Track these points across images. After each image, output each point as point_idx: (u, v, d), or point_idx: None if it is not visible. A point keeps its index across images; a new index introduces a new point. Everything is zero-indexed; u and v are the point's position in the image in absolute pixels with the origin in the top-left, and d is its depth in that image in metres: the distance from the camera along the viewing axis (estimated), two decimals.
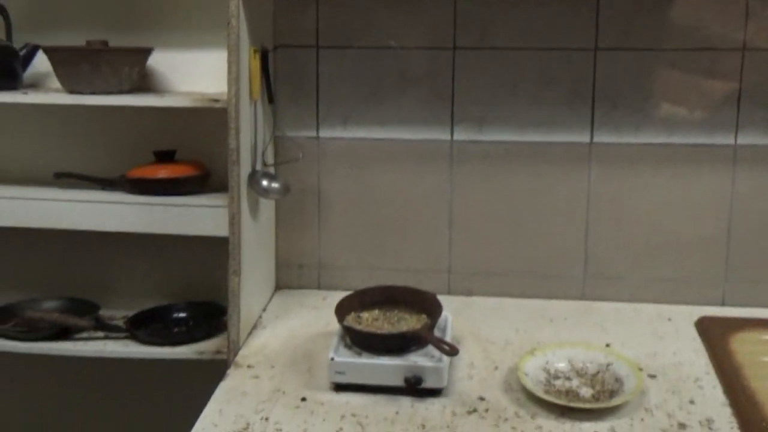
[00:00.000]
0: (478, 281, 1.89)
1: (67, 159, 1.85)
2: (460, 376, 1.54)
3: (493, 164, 1.84)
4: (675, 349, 1.65)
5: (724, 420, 1.40)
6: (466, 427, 1.38)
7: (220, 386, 1.51)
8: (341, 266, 1.91)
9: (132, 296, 1.91)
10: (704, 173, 1.80)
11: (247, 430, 1.38)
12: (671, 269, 1.84)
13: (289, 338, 1.71)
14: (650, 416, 1.41)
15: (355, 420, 1.40)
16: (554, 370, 1.54)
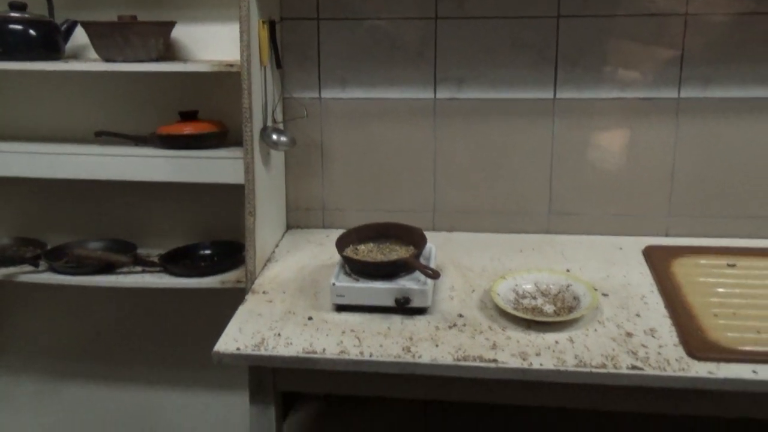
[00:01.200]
0: (458, 219, 1.91)
1: (105, 119, 1.85)
2: (442, 297, 1.57)
3: (470, 118, 1.84)
4: (625, 272, 1.66)
5: (665, 329, 1.42)
6: (447, 338, 1.41)
7: (240, 309, 1.54)
8: (342, 208, 1.92)
9: (164, 237, 1.93)
10: (651, 123, 1.79)
11: (263, 344, 1.41)
12: (623, 206, 1.85)
13: (297, 269, 1.72)
14: (603, 327, 1.44)
15: (353, 335, 1.43)
16: (522, 290, 1.56)
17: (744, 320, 1.43)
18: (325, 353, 1.37)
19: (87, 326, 2.07)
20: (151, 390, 2.08)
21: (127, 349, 2.07)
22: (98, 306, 2.03)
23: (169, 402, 2.07)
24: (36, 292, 1.99)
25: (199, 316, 1.82)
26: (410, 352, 1.37)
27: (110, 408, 2.10)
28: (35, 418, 2.15)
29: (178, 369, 2.06)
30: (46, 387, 2.12)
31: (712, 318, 1.44)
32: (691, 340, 1.37)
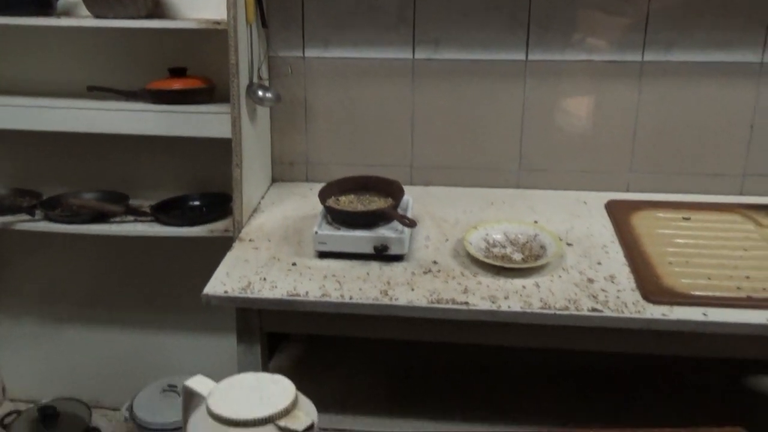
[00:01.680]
0: (434, 174, 1.90)
1: (96, 75, 1.81)
2: (418, 246, 1.57)
3: (446, 78, 1.82)
4: (588, 224, 1.68)
5: (624, 276, 1.44)
6: (423, 283, 1.42)
7: (227, 256, 1.53)
8: (324, 162, 1.91)
9: (155, 188, 1.91)
10: (616, 85, 1.79)
11: (249, 287, 1.41)
12: (587, 163, 1.85)
13: (282, 219, 1.72)
14: (566, 273, 1.45)
15: (334, 279, 1.43)
16: (492, 240, 1.56)
17: (696, 268, 1.46)
18: (308, 296, 1.38)
19: (82, 273, 2.05)
20: (144, 332, 2.08)
21: (121, 294, 2.07)
22: (93, 254, 2.02)
23: (161, 343, 2.08)
24: (33, 241, 1.97)
25: (189, 264, 1.81)
26: (387, 295, 1.38)
27: (106, 349, 2.11)
28: (36, 358, 2.15)
29: (169, 313, 2.06)
30: (46, 329, 2.11)
31: (667, 266, 1.46)
32: (647, 285, 1.39)
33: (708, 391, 1.65)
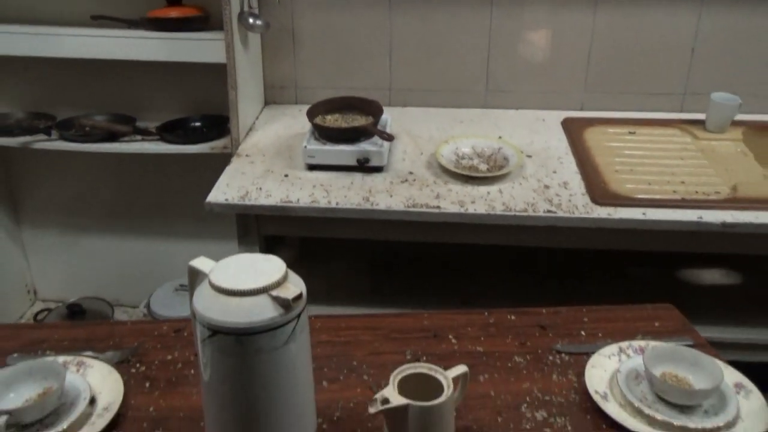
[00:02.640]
0: (410, 95, 1.86)
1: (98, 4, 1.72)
2: (396, 159, 1.56)
3: (421, 8, 1.75)
4: (546, 139, 1.67)
5: (576, 183, 1.45)
6: (400, 191, 1.42)
7: (227, 169, 1.52)
8: (312, 86, 1.86)
9: (159, 110, 1.85)
10: (573, 13, 1.73)
11: (247, 196, 1.40)
12: (546, 85, 1.82)
13: (275, 137, 1.69)
14: (526, 181, 1.46)
15: (322, 188, 1.43)
16: (462, 153, 1.56)
17: (639, 175, 1.47)
18: (299, 202, 1.38)
19: (98, 188, 2.02)
20: (156, 240, 2.08)
21: (133, 207, 2.04)
22: (106, 171, 1.98)
23: (171, 249, 2.08)
24: (51, 159, 1.93)
25: (192, 178, 1.78)
26: (369, 201, 1.38)
27: (124, 254, 2.11)
28: (62, 264, 2.15)
29: (177, 222, 2.05)
30: (69, 238, 2.10)
31: (614, 174, 1.47)
32: (596, 190, 1.40)
33: (644, 281, 1.70)
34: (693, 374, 0.86)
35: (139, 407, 0.85)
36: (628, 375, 0.88)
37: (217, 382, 0.69)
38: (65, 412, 0.81)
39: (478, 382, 0.90)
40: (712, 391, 0.82)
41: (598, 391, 0.86)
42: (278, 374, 0.68)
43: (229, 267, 0.70)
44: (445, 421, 0.75)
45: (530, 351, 0.96)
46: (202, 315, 0.67)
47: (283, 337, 0.67)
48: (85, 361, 0.90)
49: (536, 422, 0.83)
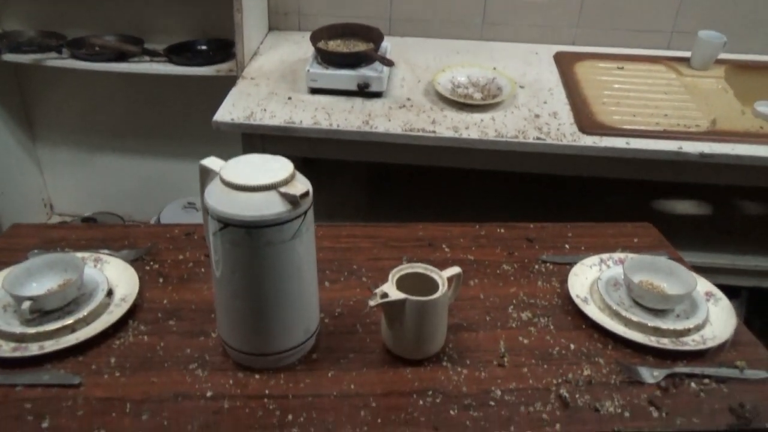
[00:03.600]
0: (409, 26, 1.79)
1: None
2: (394, 85, 1.52)
3: None
4: (538, 71, 1.62)
5: (565, 113, 1.42)
6: (398, 115, 1.39)
7: (232, 90, 1.47)
8: (315, 13, 1.79)
9: (166, 33, 1.78)
10: None
11: (252, 116, 1.37)
12: (541, 19, 1.75)
13: (279, 61, 1.64)
14: (518, 110, 1.43)
15: (324, 111, 1.40)
16: (457, 81, 1.52)
17: (625, 107, 1.44)
18: (302, 124, 1.34)
19: (107, 107, 1.96)
20: (165, 159, 2.04)
21: (143, 126, 1.99)
22: (116, 91, 1.92)
23: (180, 169, 2.04)
24: (62, 77, 1.86)
25: (198, 100, 1.74)
26: (369, 124, 1.35)
27: (135, 173, 2.07)
28: (76, 180, 2.11)
29: (184, 143, 2.00)
30: (82, 156, 2.06)
31: (601, 105, 1.44)
32: (584, 120, 1.38)
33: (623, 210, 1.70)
34: (668, 283, 0.86)
35: (154, 299, 0.85)
36: (608, 282, 0.88)
37: (228, 273, 0.69)
38: (84, 302, 0.81)
39: (468, 287, 0.90)
40: (684, 296, 0.83)
41: (579, 295, 0.86)
42: (286, 266, 0.68)
43: (238, 165, 0.68)
44: (439, 316, 0.75)
45: (517, 260, 0.96)
46: (214, 209, 0.66)
47: (290, 231, 0.66)
48: (102, 258, 0.89)
49: (521, 321, 0.84)
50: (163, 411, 0.69)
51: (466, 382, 0.74)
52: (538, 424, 0.69)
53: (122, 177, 2.09)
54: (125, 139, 2.03)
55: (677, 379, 0.75)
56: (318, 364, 0.76)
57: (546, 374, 0.76)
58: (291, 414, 0.69)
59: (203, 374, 0.74)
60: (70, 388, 0.71)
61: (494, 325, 0.83)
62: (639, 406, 0.72)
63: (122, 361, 0.75)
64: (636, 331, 0.81)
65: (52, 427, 0.66)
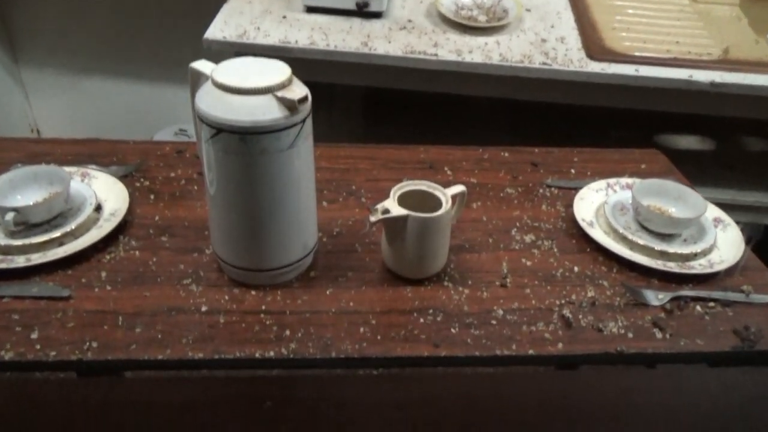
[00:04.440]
0: None
1: None
2: (395, 6, 1.44)
3: None
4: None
5: (572, 38, 1.35)
6: (398, 37, 1.32)
7: (224, 7, 1.38)
8: None
9: None
10: None
11: (245, 35, 1.29)
12: None
13: None
14: (524, 34, 1.36)
15: (321, 31, 1.32)
16: (461, 3, 1.43)
17: (636, 33, 1.38)
18: (298, 44, 1.27)
19: (94, 28, 1.86)
20: (153, 84, 1.96)
21: (131, 49, 1.90)
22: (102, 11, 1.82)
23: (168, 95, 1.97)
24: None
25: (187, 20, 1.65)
26: (367, 46, 1.28)
27: (123, 98, 1.99)
28: (63, 106, 2.04)
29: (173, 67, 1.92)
30: (68, 80, 1.97)
31: (611, 31, 1.38)
32: (592, 46, 1.31)
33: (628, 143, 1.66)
34: (676, 208, 0.83)
35: (145, 216, 0.82)
36: (614, 206, 0.86)
37: (222, 184, 0.65)
38: (72, 216, 0.77)
39: (471, 209, 0.87)
40: (693, 220, 0.80)
41: (585, 219, 0.84)
42: (282, 177, 0.64)
43: (232, 67, 0.63)
44: (442, 234, 0.73)
45: (521, 184, 0.93)
46: (206, 113, 0.61)
47: (287, 140, 0.62)
48: (90, 173, 0.85)
49: (525, 244, 0.82)
50: (157, 324, 0.66)
51: (468, 302, 0.72)
52: (540, 343, 0.68)
53: (111, 102, 2.01)
54: (113, 62, 1.94)
55: (682, 302, 0.74)
56: (316, 281, 0.74)
57: (549, 295, 0.74)
58: (288, 329, 0.67)
59: (197, 289, 0.71)
60: (59, 301, 0.68)
61: (497, 246, 0.81)
62: (643, 328, 0.70)
63: (113, 276, 0.72)
64: (642, 254, 0.78)
65: (41, 338, 0.64)
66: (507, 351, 0.67)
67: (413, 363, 0.66)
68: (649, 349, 0.68)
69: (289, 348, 0.65)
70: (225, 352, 0.64)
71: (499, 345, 0.67)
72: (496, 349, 0.67)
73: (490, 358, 0.66)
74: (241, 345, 0.65)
